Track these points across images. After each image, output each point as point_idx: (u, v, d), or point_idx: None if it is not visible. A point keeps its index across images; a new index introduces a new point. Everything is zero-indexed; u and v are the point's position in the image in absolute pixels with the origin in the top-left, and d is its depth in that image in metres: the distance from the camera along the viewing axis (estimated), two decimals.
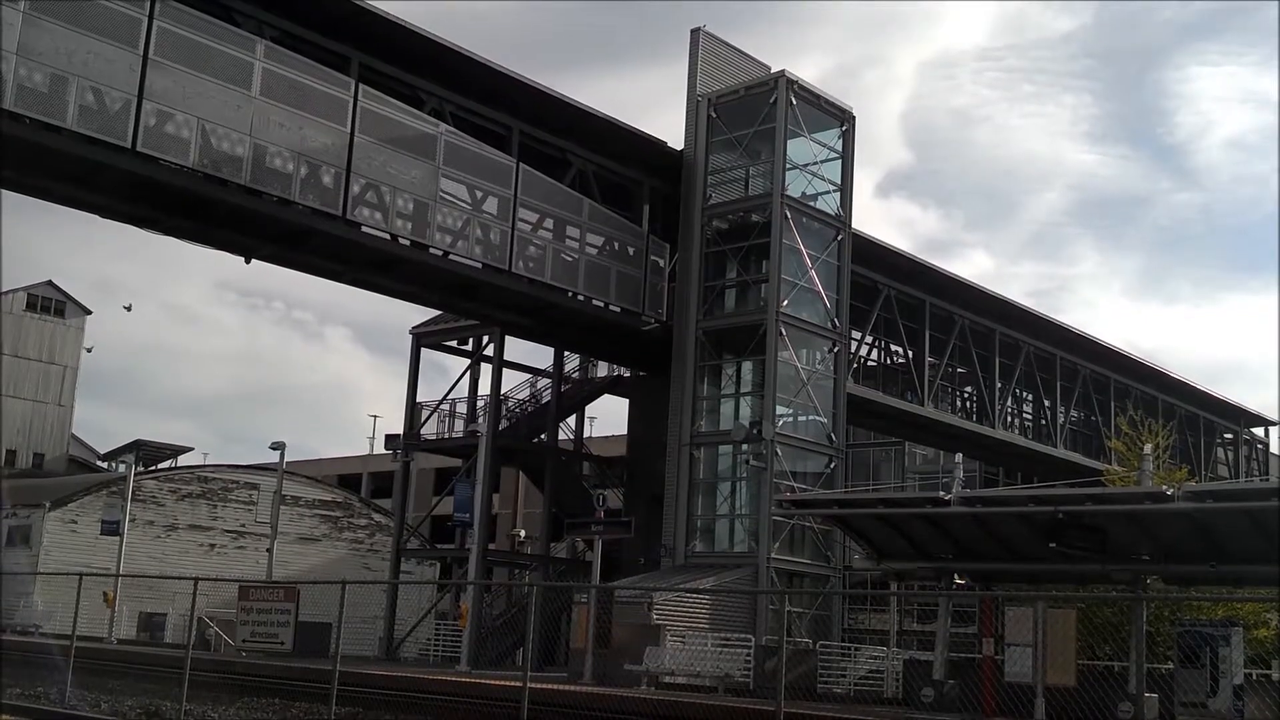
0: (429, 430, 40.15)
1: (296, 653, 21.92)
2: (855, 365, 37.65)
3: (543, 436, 38.71)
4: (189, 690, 17.78)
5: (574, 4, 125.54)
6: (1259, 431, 59.29)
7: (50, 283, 59.82)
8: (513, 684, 17.36)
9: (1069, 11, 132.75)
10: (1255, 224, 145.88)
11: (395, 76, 28.27)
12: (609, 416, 69.96)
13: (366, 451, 66.50)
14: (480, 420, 36.20)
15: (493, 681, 22.18)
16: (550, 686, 21.00)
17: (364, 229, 27.40)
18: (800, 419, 33.27)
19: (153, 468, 47.57)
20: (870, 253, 36.66)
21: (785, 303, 32.02)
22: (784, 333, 31.87)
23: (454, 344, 41.34)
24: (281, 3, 26.17)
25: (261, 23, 25.89)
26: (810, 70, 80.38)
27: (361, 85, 26.99)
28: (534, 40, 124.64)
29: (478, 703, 20.54)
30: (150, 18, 23.53)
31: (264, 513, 44.66)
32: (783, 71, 33.37)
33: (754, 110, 33.40)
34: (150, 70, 23.49)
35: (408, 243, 28.31)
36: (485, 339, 39.19)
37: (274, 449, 38.15)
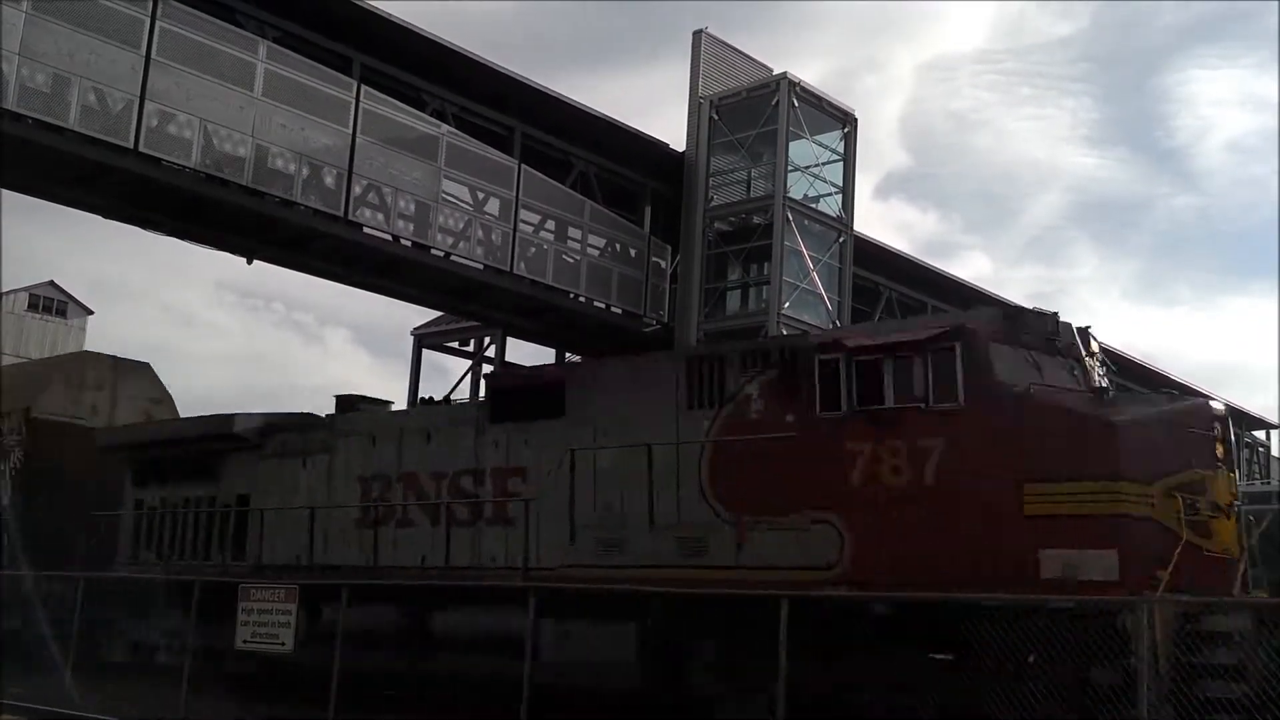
0: None
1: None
2: None
3: None
4: None
5: (575, 5, 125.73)
6: (1260, 434, 59.35)
7: (52, 283, 59.95)
8: None
9: (1068, 15, 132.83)
10: (1255, 227, 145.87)
11: (397, 78, 28.28)
12: None
13: None
14: None
15: None
16: None
17: (366, 230, 27.40)
18: None
19: None
20: (872, 255, 36.66)
21: (787, 305, 32.00)
22: (786, 335, 31.84)
23: (455, 345, 41.33)
24: (284, 4, 26.17)
25: (264, 24, 25.88)
26: (809, 73, 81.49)
27: (364, 86, 26.99)
28: (536, 41, 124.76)
29: None
30: (152, 18, 23.53)
31: None
32: (785, 73, 33.37)
33: (756, 112, 33.40)
34: (152, 71, 23.48)
35: (409, 244, 28.31)
36: (487, 340, 39.17)
37: None
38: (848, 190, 34.46)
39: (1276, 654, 10.41)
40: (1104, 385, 14.61)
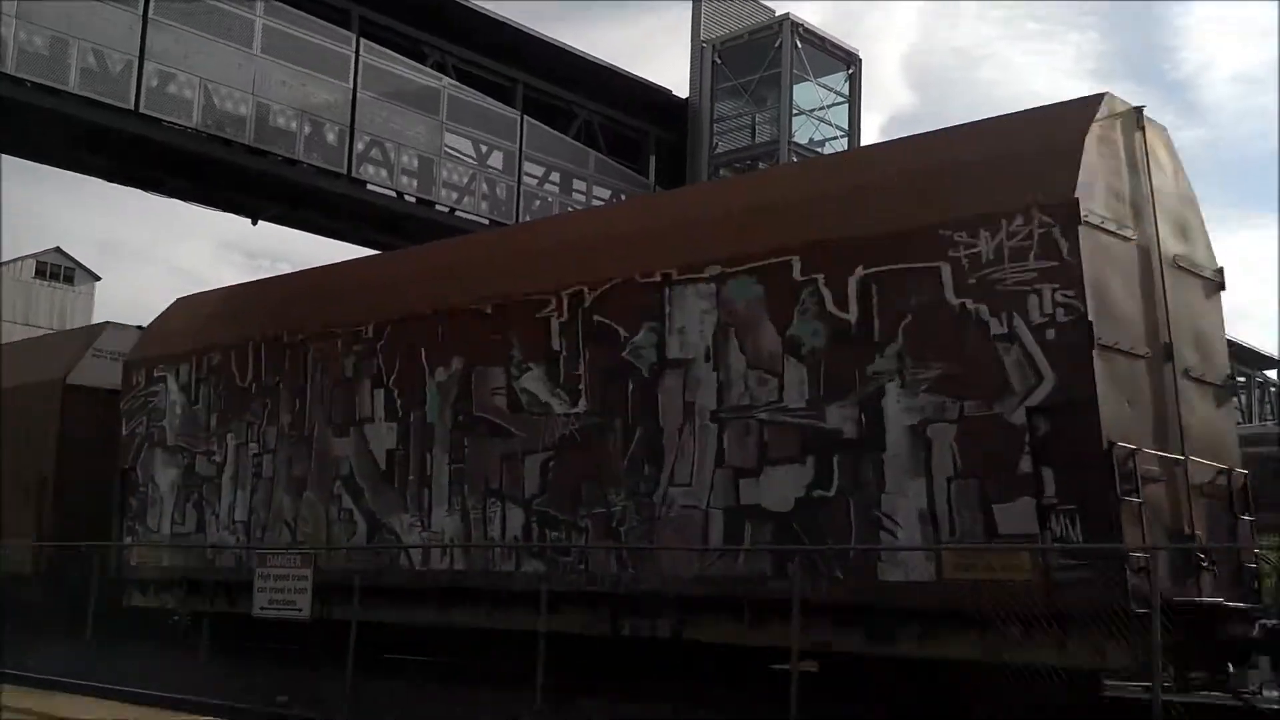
0: None
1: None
2: None
3: None
4: None
5: None
6: (1271, 374, 58.97)
7: (58, 249, 59.90)
8: None
9: None
10: (1262, 158, 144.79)
11: (396, 30, 28.02)
12: None
13: None
14: None
15: None
16: None
17: (369, 187, 27.29)
18: None
19: None
20: None
21: None
22: None
23: None
24: None
25: None
26: (811, 13, 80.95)
27: (363, 40, 26.76)
28: None
29: None
30: None
31: None
32: (787, 15, 33.01)
33: (758, 55, 33.07)
34: (150, 30, 23.31)
35: (413, 200, 28.19)
36: None
37: None
38: (853, 132, 34.17)
39: None
40: None
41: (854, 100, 34.37)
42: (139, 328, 20.72)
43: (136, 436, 18.55)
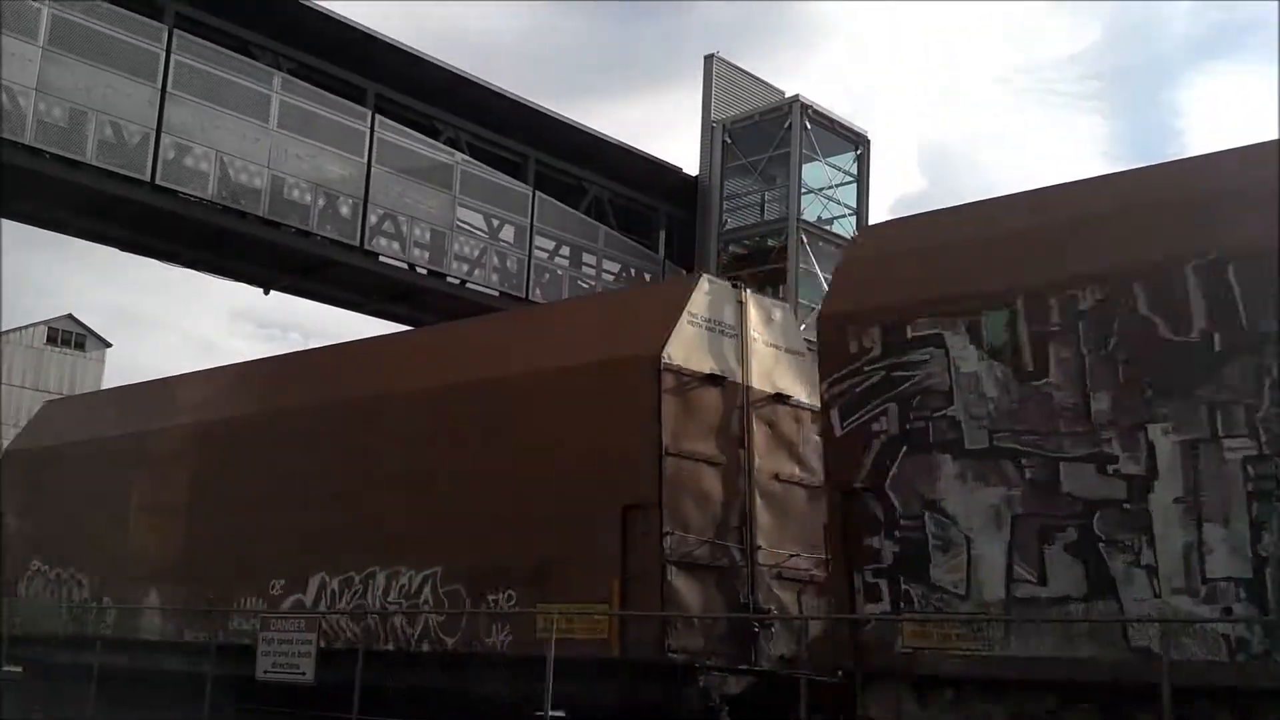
0: None
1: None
2: None
3: None
4: None
5: (585, 30, 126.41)
6: None
7: (70, 316, 60.28)
8: None
9: (1079, 31, 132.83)
10: None
11: (411, 107, 28.43)
12: None
13: None
14: None
15: None
16: None
17: (382, 259, 27.48)
18: None
19: None
20: None
21: (803, 327, 31.81)
22: None
23: None
24: (298, 36, 26.35)
25: (278, 55, 26.08)
26: (821, 94, 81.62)
27: (378, 116, 27.14)
28: (546, 66, 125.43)
29: None
30: (168, 52, 23.73)
31: None
32: (797, 96, 33.45)
33: (768, 135, 33.46)
34: (168, 104, 23.66)
35: (425, 272, 28.38)
36: None
37: None
38: (862, 211, 34.45)
39: None
40: None
41: (862, 180, 34.69)
42: (732, 280, 15.24)
43: (876, 437, 11.64)
